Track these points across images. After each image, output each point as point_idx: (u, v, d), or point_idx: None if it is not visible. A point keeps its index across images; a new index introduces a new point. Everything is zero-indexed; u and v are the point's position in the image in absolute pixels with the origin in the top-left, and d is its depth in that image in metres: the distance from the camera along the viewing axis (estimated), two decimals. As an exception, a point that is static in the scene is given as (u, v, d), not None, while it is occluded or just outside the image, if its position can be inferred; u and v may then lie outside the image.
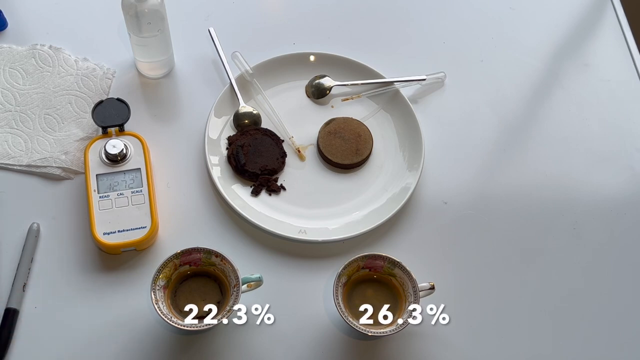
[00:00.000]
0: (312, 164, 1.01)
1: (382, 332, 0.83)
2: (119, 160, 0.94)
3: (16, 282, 0.88)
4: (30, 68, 1.04)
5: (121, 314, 0.88)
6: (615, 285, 0.94)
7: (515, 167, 1.02)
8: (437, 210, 0.98)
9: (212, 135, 1.00)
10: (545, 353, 0.89)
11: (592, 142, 1.05)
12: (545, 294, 0.93)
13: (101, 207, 0.91)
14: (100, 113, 0.97)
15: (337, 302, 0.84)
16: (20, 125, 1.00)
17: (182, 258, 0.85)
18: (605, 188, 1.01)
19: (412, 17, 1.15)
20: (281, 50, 1.07)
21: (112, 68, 1.06)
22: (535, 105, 1.08)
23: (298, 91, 1.06)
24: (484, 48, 1.13)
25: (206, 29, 1.08)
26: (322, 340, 0.88)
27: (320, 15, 1.14)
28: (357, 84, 1.06)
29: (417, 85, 1.07)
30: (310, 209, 0.97)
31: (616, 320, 0.92)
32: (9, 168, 0.97)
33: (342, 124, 1.02)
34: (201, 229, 0.95)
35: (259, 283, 0.87)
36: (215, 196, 0.97)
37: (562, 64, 1.12)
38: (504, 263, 0.95)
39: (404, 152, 1.02)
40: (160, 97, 1.05)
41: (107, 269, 0.91)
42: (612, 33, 1.15)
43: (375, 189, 0.99)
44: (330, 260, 0.93)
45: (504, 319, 0.91)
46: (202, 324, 0.82)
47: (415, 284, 0.85)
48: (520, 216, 0.98)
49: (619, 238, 0.98)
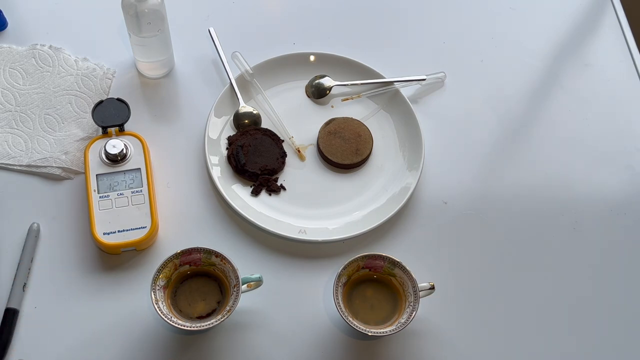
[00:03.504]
0: (312, 164, 1.01)
1: (382, 332, 0.83)
2: (119, 160, 0.94)
3: (16, 282, 0.88)
4: (30, 68, 1.04)
5: (121, 314, 0.88)
6: (615, 285, 0.94)
7: (515, 167, 1.02)
8: (437, 210, 0.98)
9: (212, 135, 1.00)
10: (545, 352, 0.89)
11: (592, 142, 1.05)
12: (545, 294, 0.93)
13: (101, 207, 0.91)
14: (100, 113, 0.97)
15: (337, 302, 0.84)
16: (21, 125, 1.00)
17: (182, 258, 0.85)
18: (605, 188, 1.01)
19: (412, 17, 1.15)
20: (281, 50, 1.07)
21: (112, 68, 1.06)
22: (535, 105, 1.08)
23: (298, 91, 1.06)
24: (484, 48, 1.13)
25: (206, 29, 1.08)
26: (322, 340, 0.88)
27: (320, 15, 1.14)
28: (357, 84, 1.06)
29: (417, 85, 1.07)
30: (310, 209, 0.97)
31: (616, 320, 0.92)
32: (9, 168, 0.97)
33: (342, 124, 1.02)
34: (201, 229, 0.95)
35: (259, 283, 0.87)
36: (215, 196, 0.97)
37: (562, 64, 1.12)
38: (504, 263, 0.95)
39: (404, 152, 1.02)
40: (160, 97, 1.05)
41: (107, 269, 0.91)
42: (612, 33, 1.15)
43: (375, 189, 0.99)
44: (330, 260, 0.93)
45: (503, 319, 0.91)
46: (202, 324, 0.82)
47: (415, 284, 0.85)
48: (520, 216, 0.98)
49: (619, 238, 0.98)
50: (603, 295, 0.93)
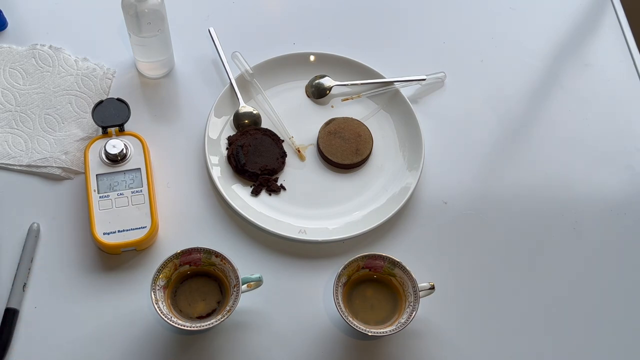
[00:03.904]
0: (312, 164, 1.01)
1: (382, 332, 0.83)
2: (119, 160, 0.94)
3: (16, 282, 0.88)
4: (30, 68, 1.04)
5: (121, 314, 0.88)
6: (615, 285, 0.94)
7: (516, 167, 1.02)
8: (437, 210, 0.98)
9: (212, 135, 1.00)
10: (545, 352, 0.89)
11: (592, 142, 1.05)
12: (545, 294, 0.93)
13: (101, 207, 0.91)
14: (100, 113, 0.97)
15: (337, 302, 0.84)
16: (21, 125, 1.00)
17: (182, 258, 0.85)
18: (605, 188, 1.01)
19: (412, 17, 1.15)
20: (281, 50, 1.07)
21: (112, 68, 1.06)
22: (535, 105, 1.08)
23: (298, 91, 1.06)
24: (484, 48, 1.13)
25: (206, 29, 1.08)
26: (322, 340, 0.88)
27: (320, 15, 1.14)
28: (357, 84, 1.06)
29: (417, 85, 1.07)
30: (310, 209, 0.97)
31: (616, 319, 0.92)
32: (9, 168, 0.97)
33: (342, 124, 1.02)
34: (201, 229, 0.95)
35: (259, 283, 0.87)
36: (215, 196, 0.97)
37: (562, 64, 1.12)
38: (504, 263, 0.95)
39: (404, 152, 1.02)
40: (160, 97, 1.05)
41: (107, 269, 0.91)
42: (612, 33, 1.15)
43: (375, 189, 0.99)
44: (330, 260, 0.93)
45: (503, 319, 0.91)
46: (202, 324, 0.82)
47: (415, 284, 0.85)
48: (520, 216, 0.98)
49: (619, 238, 0.98)
50: (603, 295, 0.93)
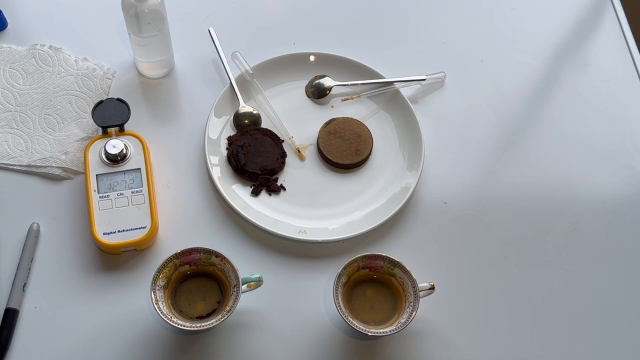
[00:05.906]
0: (312, 164, 1.01)
1: (382, 332, 0.83)
2: (119, 160, 0.94)
3: (16, 282, 0.88)
4: (30, 68, 1.04)
5: (121, 314, 0.88)
6: (615, 285, 0.94)
7: (515, 167, 1.02)
8: (437, 210, 0.98)
9: (212, 135, 1.00)
10: (545, 352, 0.89)
11: (592, 142, 1.05)
12: (545, 294, 0.93)
13: (101, 207, 0.91)
14: (100, 113, 0.97)
15: (337, 302, 0.84)
16: (20, 125, 1.00)
17: (182, 258, 0.85)
18: (605, 188, 1.01)
19: (412, 17, 1.15)
20: (281, 50, 1.07)
21: (112, 68, 1.06)
22: (535, 105, 1.08)
23: (298, 91, 1.06)
24: (484, 48, 1.13)
25: (206, 29, 1.08)
26: (322, 340, 0.88)
27: (320, 15, 1.14)
28: (357, 84, 1.06)
29: (417, 85, 1.07)
30: (310, 209, 0.97)
31: (616, 319, 0.92)
32: (9, 168, 0.97)
33: (342, 124, 1.02)
34: (201, 229, 0.95)
35: (259, 283, 0.87)
36: (215, 196, 0.97)
37: (562, 64, 1.12)
38: (504, 263, 0.95)
39: (404, 152, 1.02)
40: (160, 97, 1.05)
41: (107, 269, 0.91)
42: (612, 33, 1.15)
43: (375, 189, 0.99)
44: (330, 260, 0.93)
45: (503, 319, 0.91)
46: (202, 324, 0.82)
47: (415, 284, 0.85)
48: (520, 216, 0.98)
49: (619, 238, 0.98)
50: (603, 295, 0.93)
